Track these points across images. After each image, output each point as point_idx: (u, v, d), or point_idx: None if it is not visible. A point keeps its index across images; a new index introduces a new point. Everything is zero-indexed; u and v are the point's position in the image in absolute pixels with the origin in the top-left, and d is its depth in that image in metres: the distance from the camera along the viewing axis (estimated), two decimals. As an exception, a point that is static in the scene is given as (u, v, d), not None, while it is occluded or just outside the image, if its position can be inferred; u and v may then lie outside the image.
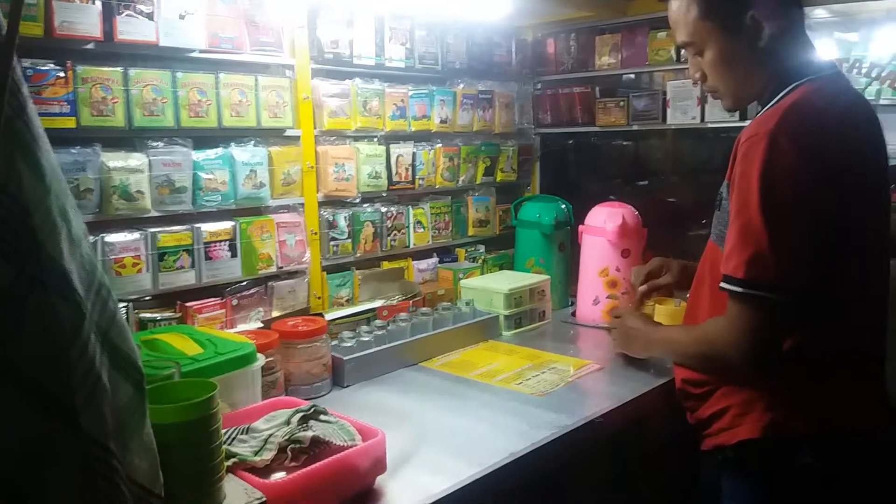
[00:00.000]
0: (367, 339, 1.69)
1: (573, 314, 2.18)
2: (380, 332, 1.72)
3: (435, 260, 2.24)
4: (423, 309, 1.87)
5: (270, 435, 1.10)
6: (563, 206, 2.29)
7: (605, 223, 2.07)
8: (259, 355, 1.34)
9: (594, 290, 2.10)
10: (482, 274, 2.25)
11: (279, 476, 1.04)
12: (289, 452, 1.07)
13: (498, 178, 2.41)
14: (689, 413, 1.45)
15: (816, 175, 1.19)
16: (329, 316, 1.75)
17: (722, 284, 1.25)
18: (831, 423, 1.26)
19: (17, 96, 0.63)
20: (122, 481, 0.67)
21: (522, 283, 2.05)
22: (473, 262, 2.31)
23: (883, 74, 2.03)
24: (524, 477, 1.26)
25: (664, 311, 1.95)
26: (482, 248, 2.38)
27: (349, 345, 1.65)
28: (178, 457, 0.86)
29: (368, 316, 1.84)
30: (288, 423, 1.14)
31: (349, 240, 1.98)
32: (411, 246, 2.16)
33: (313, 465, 1.02)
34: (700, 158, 2.66)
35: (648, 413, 1.58)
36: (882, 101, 2.07)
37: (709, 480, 1.43)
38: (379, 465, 1.11)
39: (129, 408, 0.71)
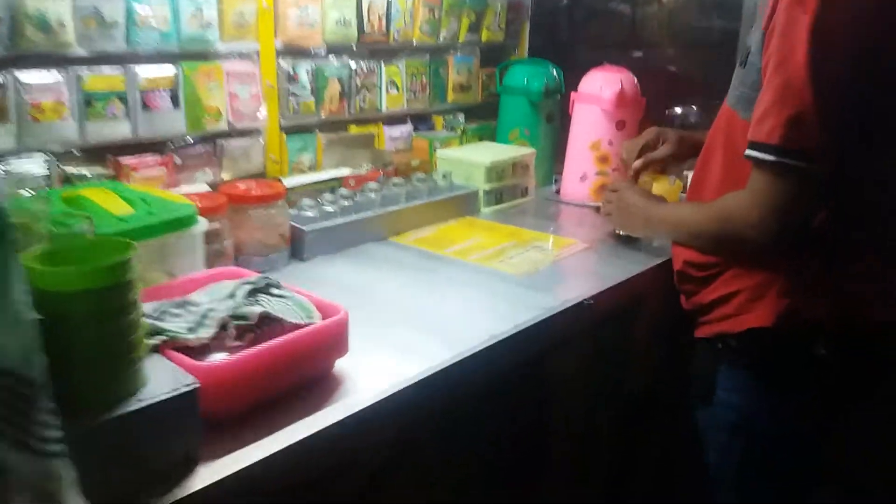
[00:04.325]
0: (330, 209, 1.49)
1: (557, 191, 2.01)
2: (346, 203, 1.53)
3: (409, 127, 2.01)
4: (395, 180, 1.67)
5: (210, 310, 0.92)
6: (554, 71, 2.06)
7: (600, 90, 1.86)
8: (202, 219, 1.14)
9: (583, 166, 1.91)
10: (461, 145, 2.04)
11: (218, 357, 0.87)
12: (232, 330, 0.90)
13: (483, 38, 2.14)
14: (686, 297, 1.32)
15: (884, 24, 1.01)
16: (288, 182, 1.54)
17: (749, 152, 1.08)
18: (850, 312, 1.14)
19: None
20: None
21: (505, 155, 1.85)
22: (452, 131, 2.09)
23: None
24: (506, 362, 1.12)
25: (658, 189, 1.78)
26: (462, 117, 2.14)
27: (310, 214, 1.46)
28: (81, 333, 0.68)
29: (333, 185, 1.64)
30: (232, 296, 0.96)
31: (312, 97, 1.74)
32: (383, 109, 1.92)
33: (261, 346, 0.85)
34: (701, 28, 2.42)
35: (640, 296, 1.45)
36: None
37: (703, 369, 1.32)
38: (340, 346, 0.95)
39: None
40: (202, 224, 1.12)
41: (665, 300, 1.40)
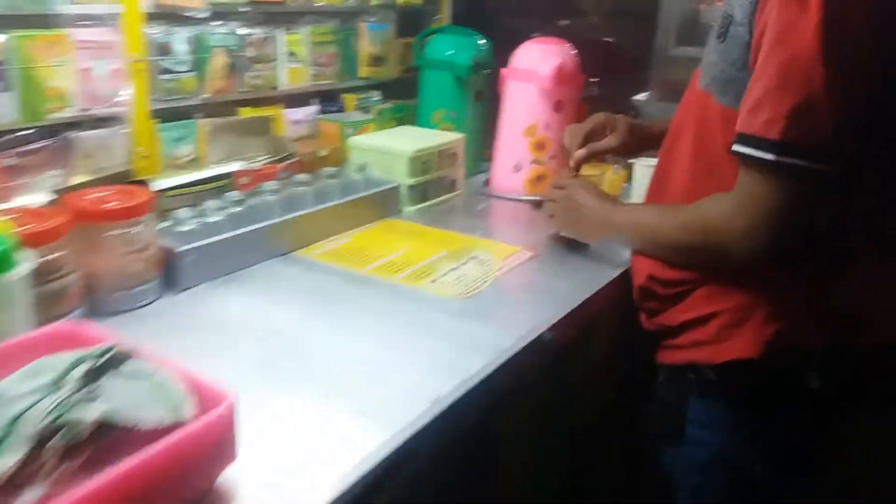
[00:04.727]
0: (216, 219, 1.18)
1: (487, 183, 1.76)
2: (236, 210, 1.22)
3: (314, 108, 1.70)
4: (299, 176, 1.37)
5: (22, 412, 0.61)
6: (483, 42, 1.79)
7: (538, 66, 1.61)
8: (27, 253, 0.82)
9: (516, 153, 1.67)
10: (377, 129, 1.75)
11: (31, 498, 0.56)
12: (54, 448, 0.59)
13: (399, 0, 1.84)
14: (648, 316, 1.12)
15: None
16: (160, 185, 1.21)
17: (738, 148, 0.88)
18: (847, 336, 0.96)
19: None
20: None
21: (431, 143, 1.57)
22: (366, 112, 1.79)
23: None
24: (451, 430, 0.87)
25: (599, 179, 1.59)
26: (377, 96, 1.85)
27: (189, 228, 1.14)
28: None
29: (221, 184, 1.32)
30: (59, 384, 0.65)
31: (192, 73, 1.40)
32: (282, 87, 1.60)
33: (98, 477, 0.56)
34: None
35: (599, 317, 1.22)
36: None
37: (667, 399, 1.13)
38: (224, 454, 0.66)
39: None
40: (25, 264, 0.80)
41: (623, 318, 1.19)
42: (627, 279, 1.16)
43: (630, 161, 1.59)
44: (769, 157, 0.84)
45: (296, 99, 1.65)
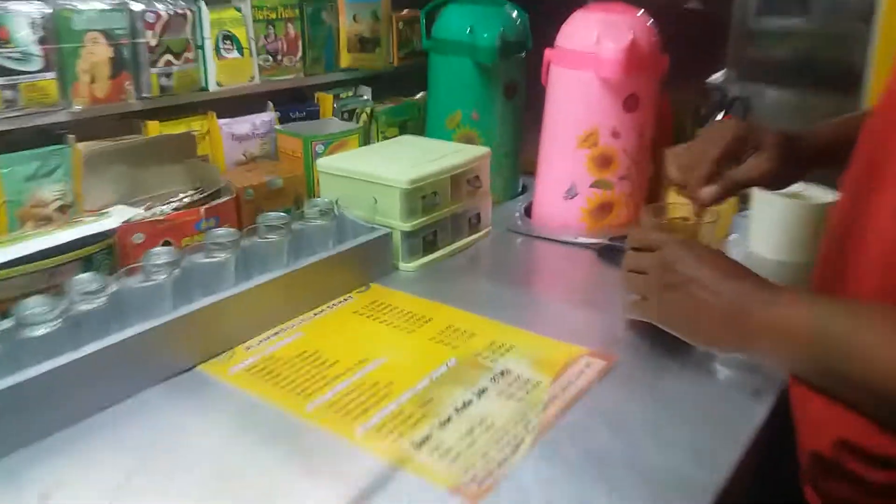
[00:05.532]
0: (43, 329, 0.67)
1: (527, 213, 1.22)
2: (88, 307, 0.70)
3: (269, 116, 1.18)
4: (220, 231, 0.85)
5: None
6: (515, 13, 1.25)
7: (598, 43, 1.07)
8: None
9: (570, 172, 1.14)
10: (364, 144, 1.22)
11: None
12: None
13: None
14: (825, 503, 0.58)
15: None
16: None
17: None
18: None
19: None
20: None
21: (440, 164, 1.04)
22: (349, 119, 1.27)
23: None
24: None
25: (705, 231, 1.04)
26: (367, 94, 1.32)
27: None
28: None
29: (94, 251, 0.81)
30: None
31: (51, 74, 0.89)
32: (212, 87, 1.08)
33: None
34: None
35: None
36: None
37: None
38: None
39: None
40: None
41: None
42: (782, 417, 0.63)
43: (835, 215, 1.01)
44: None
45: (239, 103, 1.13)
